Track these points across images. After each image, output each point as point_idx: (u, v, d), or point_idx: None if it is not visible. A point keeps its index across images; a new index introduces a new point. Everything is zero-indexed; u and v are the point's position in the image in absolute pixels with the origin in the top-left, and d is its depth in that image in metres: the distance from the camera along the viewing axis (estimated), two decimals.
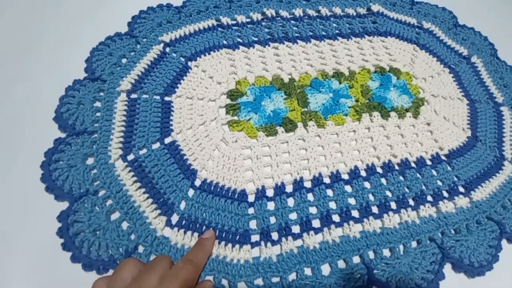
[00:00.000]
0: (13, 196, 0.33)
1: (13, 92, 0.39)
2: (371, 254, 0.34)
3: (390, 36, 0.51)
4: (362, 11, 0.53)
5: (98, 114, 0.37)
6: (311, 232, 0.34)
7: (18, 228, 0.31)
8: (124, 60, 0.42)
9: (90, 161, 0.35)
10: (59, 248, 0.30)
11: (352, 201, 0.37)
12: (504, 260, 0.36)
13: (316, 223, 0.35)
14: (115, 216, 0.32)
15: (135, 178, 0.34)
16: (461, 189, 0.40)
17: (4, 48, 0.42)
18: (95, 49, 0.41)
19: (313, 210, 0.36)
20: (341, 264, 0.33)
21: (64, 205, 0.32)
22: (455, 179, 0.40)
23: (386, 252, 0.34)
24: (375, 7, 0.53)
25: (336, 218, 0.35)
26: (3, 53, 0.41)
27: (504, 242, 0.37)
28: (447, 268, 0.35)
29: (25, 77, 0.40)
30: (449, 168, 0.41)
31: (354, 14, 0.52)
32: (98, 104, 0.38)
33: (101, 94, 0.39)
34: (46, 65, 0.41)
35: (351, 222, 0.35)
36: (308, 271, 0.32)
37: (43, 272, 0.30)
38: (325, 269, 0.32)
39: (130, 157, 0.35)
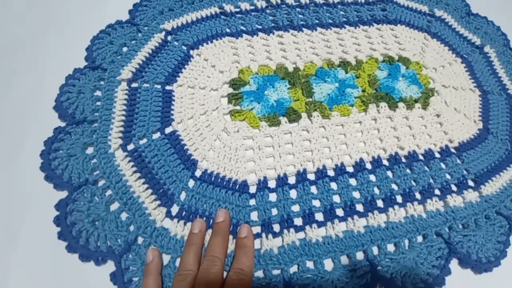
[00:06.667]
0: (12, 184, 0.33)
1: (14, 81, 0.38)
2: (375, 250, 0.33)
3: (400, 24, 0.49)
4: None
5: (98, 103, 0.37)
6: (314, 225, 0.33)
7: (17, 216, 0.31)
8: (125, 49, 0.41)
9: (89, 150, 0.34)
10: (55, 237, 0.29)
11: (356, 194, 0.36)
12: None
13: (319, 217, 0.34)
14: (114, 207, 0.32)
15: (134, 168, 0.33)
16: (471, 183, 0.39)
17: (6, 37, 0.41)
18: (95, 37, 0.41)
19: (316, 203, 0.35)
20: (344, 260, 0.32)
21: (63, 194, 0.31)
22: (465, 172, 0.39)
23: (391, 247, 0.34)
24: None
25: (340, 212, 0.35)
26: (4, 42, 0.41)
27: None
28: (453, 264, 0.34)
29: (26, 66, 0.39)
30: (458, 161, 0.40)
31: (363, 1, 0.50)
32: (98, 93, 0.38)
33: (102, 83, 0.38)
34: (47, 53, 0.41)
35: (355, 217, 0.34)
36: (310, 264, 0.32)
37: (40, 260, 0.29)
38: (328, 265, 0.32)
39: (130, 146, 0.35)
